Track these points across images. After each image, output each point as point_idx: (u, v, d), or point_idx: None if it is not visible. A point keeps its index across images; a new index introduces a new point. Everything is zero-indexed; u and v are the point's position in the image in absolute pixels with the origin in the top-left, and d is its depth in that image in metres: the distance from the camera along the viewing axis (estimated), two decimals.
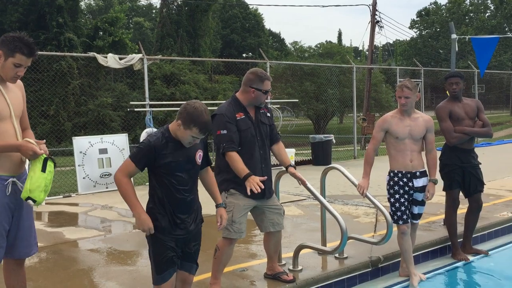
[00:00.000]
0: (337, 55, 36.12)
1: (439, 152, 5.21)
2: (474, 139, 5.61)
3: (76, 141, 9.61)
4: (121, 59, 10.58)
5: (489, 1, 59.43)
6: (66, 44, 23.60)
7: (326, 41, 63.38)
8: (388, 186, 4.75)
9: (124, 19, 30.34)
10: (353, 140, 15.24)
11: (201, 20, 31.67)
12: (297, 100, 21.89)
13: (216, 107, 4.48)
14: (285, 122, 16.82)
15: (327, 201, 4.61)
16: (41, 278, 4.67)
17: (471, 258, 5.41)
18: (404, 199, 4.67)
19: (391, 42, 59.48)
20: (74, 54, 17.51)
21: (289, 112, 17.42)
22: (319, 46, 49.29)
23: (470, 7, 61.04)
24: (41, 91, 19.97)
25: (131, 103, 14.12)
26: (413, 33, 60.10)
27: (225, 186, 4.01)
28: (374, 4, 20.55)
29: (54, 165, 3.22)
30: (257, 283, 4.37)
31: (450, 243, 5.52)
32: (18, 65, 3.13)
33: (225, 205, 3.66)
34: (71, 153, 10.34)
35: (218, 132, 3.94)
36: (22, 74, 3.20)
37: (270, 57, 34.69)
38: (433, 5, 63.75)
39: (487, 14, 60.08)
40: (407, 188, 4.67)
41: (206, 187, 3.61)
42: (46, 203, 8.50)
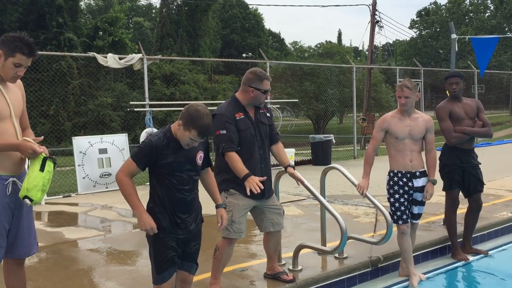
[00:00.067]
0: (337, 55, 36.14)
1: (438, 152, 5.21)
2: (474, 139, 5.61)
3: (76, 141, 9.61)
4: (121, 59, 10.58)
5: (489, 1, 59.43)
6: (66, 44, 23.58)
7: (326, 41, 63.48)
8: (388, 186, 4.76)
9: (124, 19, 30.32)
10: (353, 140, 15.24)
11: (201, 20, 31.66)
12: (297, 100, 21.87)
13: (216, 107, 4.48)
14: (285, 122, 16.82)
15: (326, 201, 4.61)
16: (41, 278, 4.67)
17: (471, 258, 5.41)
18: (404, 199, 4.67)
19: (391, 42, 59.57)
20: (74, 54, 17.51)
21: (289, 112, 17.39)
22: (319, 46, 49.31)
23: (470, 7, 61.05)
24: (41, 91, 19.95)
25: (131, 103, 14.12)
26: (413, 33, 60.20)
27: (225, 186, 4.01)
28: (374, 4, 20.55)
29: (54, 165, 3.22)
30: (256, 283, 4.38)
31: (450, 243, 5.52)
32: (18, 65, 3.14)
33: (225, 206, 3.66)
34: (71, 153, 10.34)
35: (218, 132, 3.94)
36: (22, 74, 3.20)
37: (270, 57, 34.70)
38: (433, 5, 63.76)
39: (487, 14, 60.09)
40: (406, 188, 4.67)
41: (206, 187, 3.61)
42: (46, 203, 8.51)
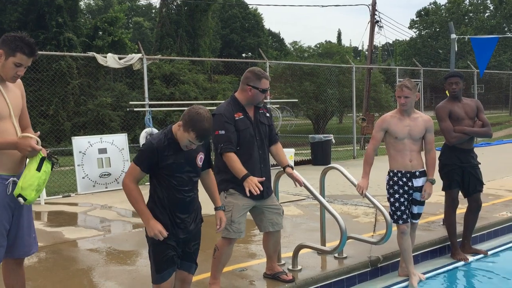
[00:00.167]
0: (336, 55, 36.13)
1: (438, 152, 5.21)
2: (474, 139, 5.62)
3: (76, 141, 9.61)
4: (120, 59, 10.57)
5: (488, 1, 59.45)
6: (66, 44, 23.58)
7: (326, 41, 63.55)
8: (388, 186, 4.76)
9: (124, 19, 30.28)
10: (353, 140, 15.25)
11: (200, 20, 31.66)
12: (296, 100, 21.86)
13: (216, 107, 4.48)
14: (285, 122, 16.81)
15: (326, 201, 4.61)
16: (40, 277, 4.67)
17: (470, 258, 5.41)
18: (404, 198, 4.68)
19: (390, 42, 59.43)
20: (73, 54, 17.49)
21: (288, 112, 17.38)
22: (318, 46, 49.34)
23: (470, 7, 61.07)
24: (41, 90, 19.94)
25: (130, 103, 14.12)
26: (412, 33, 60.21)
27: (224, 186, 4.01)
28: (374, 4, 20.53)
29: (52, 166, 3.22)
30: (256, 283, 4.38)
31: (449, 243, 5.52)
32: (19, 65, 3.14)
33: (224, 208, 3.66)
34: (70, 153, 10.35)
35: (216, 132, 3.94)
36: (22, 73, 3.21)
37: (269, 57, 34.70)
38: (432, 5, 63.78)
39: (486, 14, 60.09)
40: (406, 188, 4.67)
41: (206, 188, 3.62)
42: (45, 203, 8.51)
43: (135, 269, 4.88)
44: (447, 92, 5.63)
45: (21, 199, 3.07)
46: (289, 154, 11.09)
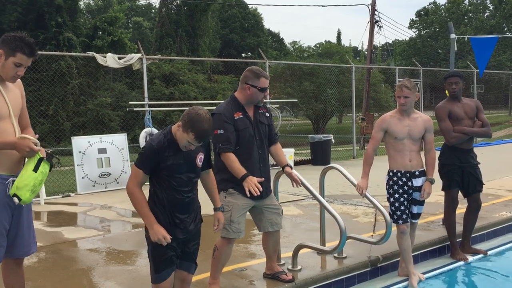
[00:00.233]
0: (336, 55, 36.12)
1: (438, 152, 5.22)
2: (473, 139, 5.62)
3: (75, 140, 9.61)
4: (120, 58, 10.57)
5: (488, 1, 59.45)
6: (65, 44, 23.56)
7: (325, 41, 63.54)
8: (387, 186, 4.76)
9: (123, 18, 30.26)
10: (352, 140, 15.25)
11: (200, 19, 31.65)
12: (296, 100, 21.85)
13: (215, 107, 4.47)
14: (284, 122, 16.81)
15: (326, 201, 4.61)
16: (40, 277, 4.67)
17: (470, 258, 5.41)
18: (404, 198, 4.68)
19: (390, 42, 59.38)
20: (73, 54, 17.49)
21: (288, 112, 17.39)
22: (318, 46, 49.33)
23: (469, 7, 61.07)
24: (40, 90, 19.92)
25: (130, 102, 14.11)
26: (412, 33, 60.19)
27: (223, 185, 4.00)
28: (373, 4, 20.54)
29: (51, 168, 3.21)
30: (256, 282, 4.38)
31: (449, 242, 5.53)
32: (19, 65, 3.14)
33: (223, 209, 3.66)
34: (70, 153, 10.35)
35: (215, 132, 3.93)
36: (22, 73, 3.21)
37: (269, 57, 34.67)
38: (432, 5, 63.77)
39: (486, 14, 60.10)
40: (406, 188, 4.67)
41: (206, 188, 3.61)
42: (45, 203, 8.51)
43: (135, 269, 4.88)
44: (446, 92, 5.63)
45: (16, 199, 3.07)
46: (288, 154, 11.09)
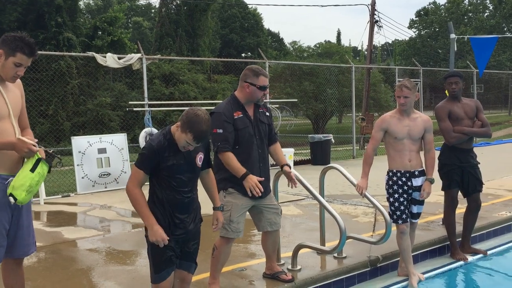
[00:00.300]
0: (336, 55, 36.10)
1: (438, 151, 5.22)
2: (473, 139, 5.62)
3: (75, 140, 9.61)
4: (120, 58, 10.57)
5: (488, 1, 59.45)
6: (65, 44, 23.55)
7: (325, 40, 63.56)
8: (387, 186, 4.76)
9: (123, 18, 30.24)
10: (352, 139, 15.26)
11: (200, 19, 31.64)
12: (296, 100, 21.85)
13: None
14: (284, 122, 16.80)
15: (326, 200, 4.61)
16: (40, 277, 4.67)
17: (469, 258, 5.41)
18: (403, 198, 4.68)
19: (390, 42, 59.40)
20: (73, 54, 17.48)
21: (288, 112, 17.39)
22: (318, 46, 49.31)
23: (469, 7, 61.08)
24: (40, 90, 19.91)
25: (130, 102, 14.11)
26: (412, 33, 60.20)
27: (223, 184, 4.00)
28: (373, 3, 20.55)
29: (50, 169, 3.21)
30: (255, 282, 4.38)
31: (448, 242, 5.52)
32: (19, 65, 3.15)
33: (222, 208, 3.66)
34: (70, 153, 10.33)
35: (214, 131, 3.93)
36: (22, 73, 3.21)
37: (269, 57, 34.67)
38: (432, 5, 63.78)
39: (486, 14, 60.10)
40: (406, 188, 4.67)
41: (206, 188, 3.62)
42: (44, 203, 8.51)
43: (134, 269, 4.88)
44: (446, 92, 5.63)
45: (11, 199, 3.06)
46: (288, 154, 11.09)
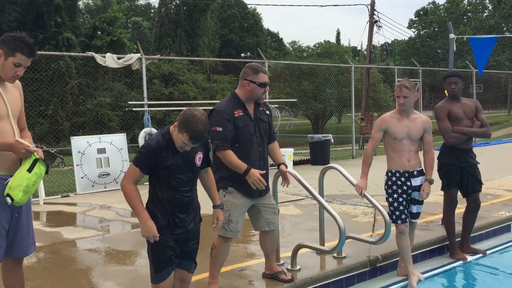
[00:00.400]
0: (335, 54, 36.11)
1: (437, 151, 5.22)
2: (472, 139, 5.62)
3: (74, 140, 9.61)
4: (119, 58, 10.57)
5: (487, 1, 59.48)
6: (64, 44, 23.54)
7: (325, 40, 63.60)
8: (386, 186, 4.76)
9: (123, 18, 30.22)
10: (352, 139, 15.26)
11: (199, 19, 31.63)
12: (295, 100, 21.84)
13: None
14: (284, 122, 16.79)
15: (325, 200, 4.61)
16: (39, 277, 4.67)
17: (469, 258, 5.41)
18: (403, 198, 4.68)
19: (389, 42, 59.42)
20: (72, 54, 17.45)
21: (287, 112, 17.40)
22: (317, 45, 49.29)
23: (468, 7, 61.10)
24: (39, 90, 19.89)
25: (129, 102, 14.09)
26: (411, 32, 60.22)
27: (223, 183, 4.00)
28: (373, 3, 20.56)
29: (47, 170, 3.20)
30: (255, 282, 4.38)
31: (448, 242, 5.53)
32: (18, 65, 3.15)
33: (222, 207, 3.67)
34: (69, 153, 10.33)
35: (214, 128, 3.93)
36: (21, 74, 3.21)
37: (268, 57, 34.67)
38: (431, 5, 63.81)
39: (485, 14, 60.14)
40: (405, 188, 4.68)
41: (205, 187, 3.62)
42: (44, 203, 8.51)
43: (134, 269, 4.88)
44: (446, 92, 5.63)
45: (8, 199, 3.05)
46: (288, 154, 11.10)
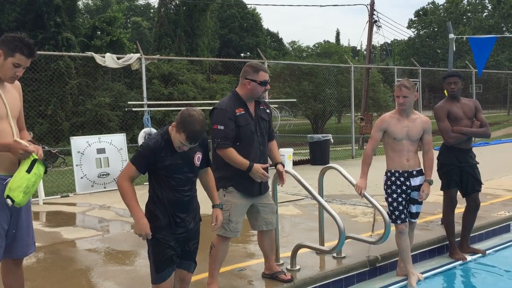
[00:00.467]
0: (335, 54, 36.12)
1: (436, 151, 5.22)
2: (472, 138, 5.62)
3: (74, 141, 9.61)
4: (119, 58, 10.56)
5: (486, 1, 59.51)
6: (64, 44, 23.53)
7: (324, 40, 63.64)
8: (386, 186, 4.76)
9: (122, 18, 30.20)
10: (351, 139, 15.26)
11: (199, 19, 31.62)
12: (295, 100, 21.84)
13: None
14: (283, 122, 16.80)
15: (325, 200, 4.61)
16: (39, 278, 4.67)
17: (468, 258, 5.42)
18: (402, 198, 4.68)
19: (389, 41, 59.44)
20: (72, 54, 17.43)
21: (287, 112, 17.40)
22: (317, 45, 49.31)
23: (468, 7, 61.11)
24: (39, 90, 19.88)
25: (129, 102, 14.09)
26: (411, 32, 60.23)
27: (223, 183, 4.00)
28: (372, 3, 20.57)
29: (46, 170, 3.20)
30: (255, 282, 4.38)
31: (447, 242, 5.53)
32: (18, 65, 3.14)
33: (221, 206, 3.67)
34: (69, 153, 10.34)
35: (215, 127, 3.93)
36: (20, 74, 3.21)
37: (268, 57, 34.67)
38: (431, 5, 63.82)
39: (484, 14, 60.15)
40: (404, 188, 4.68)
41: (205, 186, 3.62)
42: (43, 203, 8.51)
43: (134, 269, 4.88)
44: (445, 92, 5.63)
45: (9, 201, 3.04)
46: (287, 154, 11.10)
